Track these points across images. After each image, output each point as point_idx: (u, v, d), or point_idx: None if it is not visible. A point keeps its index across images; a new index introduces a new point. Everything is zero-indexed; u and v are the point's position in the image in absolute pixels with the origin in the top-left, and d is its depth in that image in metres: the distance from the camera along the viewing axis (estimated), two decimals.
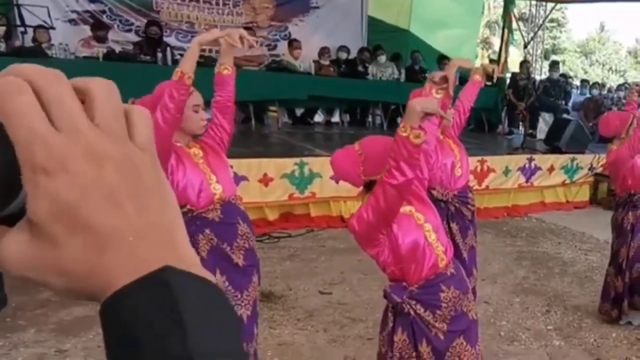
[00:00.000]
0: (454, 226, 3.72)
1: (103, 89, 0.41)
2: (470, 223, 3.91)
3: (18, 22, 8.01)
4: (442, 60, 11.03)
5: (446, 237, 2.60)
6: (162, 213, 0.41)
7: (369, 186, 2.37)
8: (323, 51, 9.99)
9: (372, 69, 10.18)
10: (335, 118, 10.70)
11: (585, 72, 30.38)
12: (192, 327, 0.37)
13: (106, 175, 0.39)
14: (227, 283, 2.72)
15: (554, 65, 11.91)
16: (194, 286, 0.39)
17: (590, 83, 13.00)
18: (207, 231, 2.69)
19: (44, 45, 7.65)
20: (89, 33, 8.74)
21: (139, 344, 0.36)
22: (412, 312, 2.34)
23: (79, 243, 0.38)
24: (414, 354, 2.36)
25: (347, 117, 10.59)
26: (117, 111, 0.41)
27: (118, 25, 9.83)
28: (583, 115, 11.25)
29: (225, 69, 2.92)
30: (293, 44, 9.77)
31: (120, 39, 9.56)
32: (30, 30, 7.93)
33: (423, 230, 2.36)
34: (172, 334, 0.36)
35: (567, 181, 8.41)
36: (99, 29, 8.56)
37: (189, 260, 0.41)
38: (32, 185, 0.38)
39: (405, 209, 2.38)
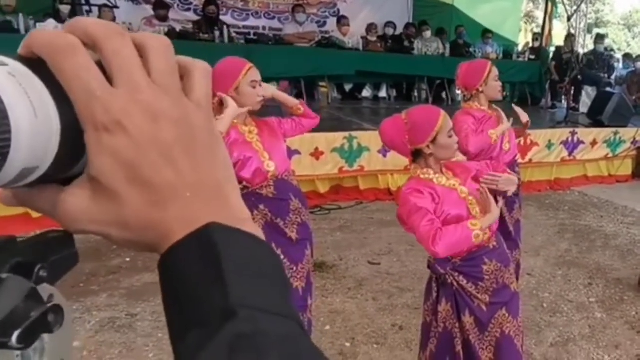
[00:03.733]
0: (500, 200, 3.64)
1: (160, 45, 0.40)
2: (516, 197, 3.82)
3: (83, 1, 8.09)
4: (485, 34, 10.75)
5: None
6: (215, 170, 0.41)
7: (415, 155, 2.34)
8: (370, 27, 9.81)
9: (417, 44, 9.96)
10: (382, 93, 10.56)
11: (628, 45, 29.13)
12: (233, 282, 0.36)
13: (163, 132, 0.38)
14: (282, 256, 2.72)
15: (599, 38, 11.44)
16: (238, 242, 0.39)
17: (634, 56, 12.44)
18: (262, 207, 2.69)
19: None
20: (151, 12, 8.78)
21: (186, 297, 0.37)
22: (455, 284, 2.31)
23: (138, 198, 0.38)
24: (457, 324, 2.33)
25: (393, 92, 10.43)
26: (173, 68, 0.41)
27: (178, 5, 9.86)
28: (626, 88, 10.81)
29: (298, 109, 2.91)
30: (342, 20, 9.64)
31: (180, 18, 9.59)
32: (95, 9, 8.01)
33: (466, 204, 2.31)
34: (214, 291, 0.36)
35: (610, 155, 8.11)
36: (161, 8, 8.58)
37: (240, 216, 0.41)
38: (94, 143, 0.37)
39: (450, 182, 2.33)
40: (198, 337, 0.35)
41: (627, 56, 13.07)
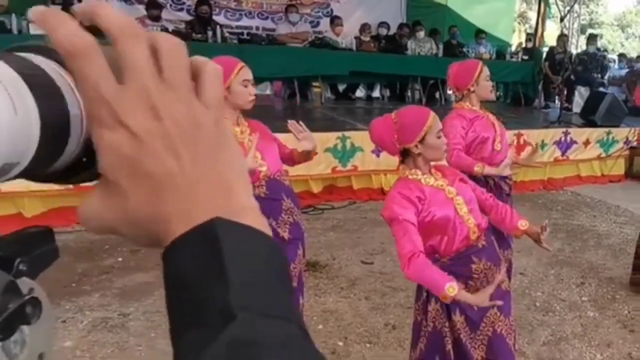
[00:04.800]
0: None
1: (172, 44, 0.41)
2: (508, 197, 3.83)
3: (75, 1, 8.05)
4: (479, 34, 10.78)
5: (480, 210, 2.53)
6: (219, 165, 0.41)
7: (404, 154, 2.35)
8: (364, 27, 9.83)
9: (411, 44, 9.98)
10: (376, 93, 10.59)
11: (622, 46, 29.25)
12: (235, 281, 0.36)
13: (165, 126, 0.39)
14: None
15: (591, 38, 11.50)
16: (241, 238, 0.38)
17: (628, 57, 12.54)
18: None
19: None
20: (144, 12, 8.75)
21: (187, 293, 0.37)
22: None
23: (141, 191, 0.39)
24: (447, 323, 2.33)
25: (387, 92, 10.46)
26: (184, 67, 0.41)
27: (170, 5, 9.84)
28: (626, 87, 10.88)
29: (301, 152, 2.99)
30: (335, 20, 9.64)
31: (172, 17, 9.57)
32: None
33: (454, 204, 2.32)
34: (215, 288, 0.36)
35: (603, 155, 8.15)
36: (153, 7, 8.55)
37: (246, 211, 0.41)
38: (99, 140, 0.39)
39: (438, 182, 2.34)
40: (198, 337, 0.35)
41: (622, 56, 13.15)
